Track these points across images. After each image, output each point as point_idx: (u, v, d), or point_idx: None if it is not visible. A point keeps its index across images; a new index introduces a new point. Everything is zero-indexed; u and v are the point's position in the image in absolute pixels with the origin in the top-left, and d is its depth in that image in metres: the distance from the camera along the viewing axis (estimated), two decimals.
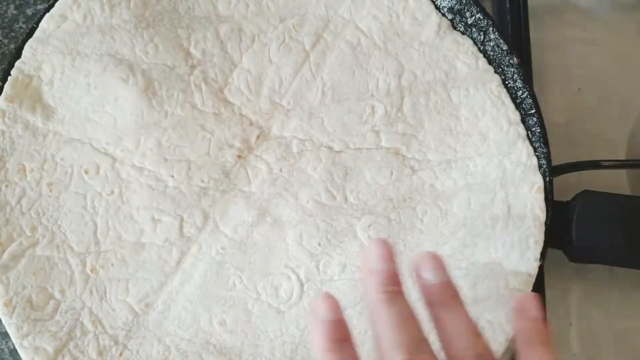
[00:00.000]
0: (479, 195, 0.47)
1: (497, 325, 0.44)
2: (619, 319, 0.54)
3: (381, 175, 0.47)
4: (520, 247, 0.45)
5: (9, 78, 0.45)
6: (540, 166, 0.47)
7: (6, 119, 0.45)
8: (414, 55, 0.48)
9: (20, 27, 0.57)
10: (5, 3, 0.57)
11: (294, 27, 0.48)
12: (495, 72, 0.49)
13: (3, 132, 0.45)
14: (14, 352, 0.52)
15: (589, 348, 0.53)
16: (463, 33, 0.50)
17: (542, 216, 0.45)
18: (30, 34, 0.46)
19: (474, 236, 0.46)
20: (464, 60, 0.48)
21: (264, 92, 0.47)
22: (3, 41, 0.57)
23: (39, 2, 0.57)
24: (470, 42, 0.48)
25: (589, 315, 0.54)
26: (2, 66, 0.55)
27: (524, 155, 0.46)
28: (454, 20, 0.49)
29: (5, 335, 0.51)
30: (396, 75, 0.48)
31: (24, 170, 0.45)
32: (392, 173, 0.47)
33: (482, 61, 0.48)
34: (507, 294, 0.45)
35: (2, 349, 0.52)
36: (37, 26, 0.46)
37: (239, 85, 0.47)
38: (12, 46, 0.56)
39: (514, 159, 0.47)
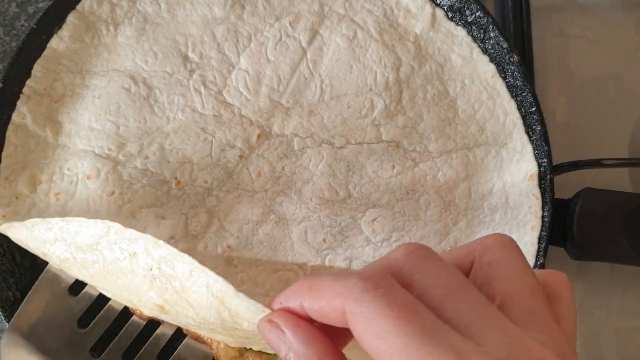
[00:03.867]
0: (479, 186, 0.51)
1: None
2: (620, 317, 0.57)
3: (383, 168, 0.50)
4: (518, 233, 0.49)
5: (21, 96, 0.49)
6: (540, 165, 0.50)
7: (19, 134, 0.49)
8: (410, 47, 0.52)
9: (22, 25, 0.59)
10: (6, 1, 0.59)
11: (290, 25, 0.52)
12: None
13: (16, 146, 0.49)
14: None
15: (591, 347, 0.57)
16: None
17: (538, 203, 0.49)
18: (30, 33, 0.49)
19: (474, 226, 0.50)
20: (458, 52, 0.52)
21: (263, 91, 0.50)
22: (4, 39, 0.59)
23: (40, 0, 0.59)
24: (464, 32, 0.52)
25: (591, 313, 0.57)
26: (4, 64, 0.58)
27: (519, 144, 0.50)
28: (454, 19, 0.53)
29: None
30: (394, 68, 0.51)
31: (34, 184, 0.49)
32: (394, 166, 0.50)
33: (477, 51, 0.52)
34: None
35: None
36: (37, 26, 0.49)
37: (237, 86, 0.50)
38: (14, 44, 0.59)
39: (510, 148, 0.51)
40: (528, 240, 0.50)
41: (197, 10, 0.52)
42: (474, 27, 0.52)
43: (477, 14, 0.52)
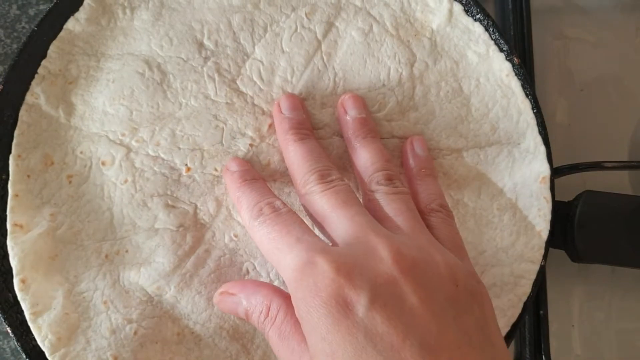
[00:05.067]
0: (489, 185, 0.51)
1: (499, 311, 0.49)
2: (621, 319, 0.58)
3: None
4: (526, 235, 0.49)
5: (36, 76, 0.50)
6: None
7: (32, 113, 0.49)
8: (426, 43, 0.52)
9: (23, 27, 0.60)
10: (7, 3, 0.60)
11: (306, 16, 0.52)
12: None
13: (29, 125, 0.49)
14: (15, 352, 0.56)
15: (591, 349, 0.57)
16: None
17: (548, 206, 0.49)
18: (31, 36, 0.50)
19: (482, 226, 0.50)
20: (474, 49, 0.52)
21: (276, 82, 0.51)
22: (5, 41, 0.60)
23: (41, 2, 0.60)
24: (482, 29, 0.52)
25: (591, 316, 0.58)
26: (4, 66, 0.59)
27: (532, 145, 0.50)
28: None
29: (7, 335, 0.55)
30: (408, 64, 0.51)
31: (46, 163, 0.49)
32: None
33: (493, 49, 0.52)
34: (512, 281, 0.49)
35: (4, 349, 0.56)
36: (38, 29, 0.50)
37: (251, 75, 0.51)
38: (15, 46, 0.60)
39: (523, 148, 0.51)
40: (535, 244, 0.50)
41: None
42: None
43: (478, 16, 0.52)
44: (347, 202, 0.43)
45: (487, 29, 0.52)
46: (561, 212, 0.51)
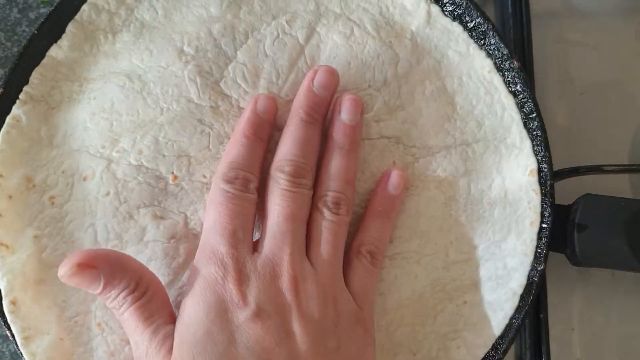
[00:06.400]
0: (478, 181, 0.51)
1: (497, 304, 0.49)
2: (622, 323, 0.58)
3: (384, 164, 0.50)
4: (517, 229, 0.50)
5: (17, 101, 0.49)
6: (541, 170, 0.50)
7: (13, 135, 0.48)
8: (408, 44, 0.52)
9: (24, 31, 0.60)
10: (8, 6, 0.60)
11: (286, 23, 0.51)
12: None
13: (10, 146, 0.48)
14: (15, 355, 0.55)
15: (592, 353, 0.57)
16: None
17: (537, 198, 0.49)
18: (32, 39, 0.49)
19: (474, 221, 0.50)
20: (455, 48, 0.52)
21: (262, 84, 0.50)
22: (6, 44, 0.60)
23: (42, 6, 0.60)
24: (461, 28, 0.52)
25: (592, 320, 0.58)
26: (5, 69, 0.58)
27: (518, 139, 0.51)
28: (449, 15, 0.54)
29: (6, 338, 0.54)
30: (392, 64, 0.51)
31: (27, 186, 0.48)
32: (394, 162, 0.50)
33: (473, 47, 0.52)
34: (506, 274, 0.49)
35: (3, 352, 0.55)
36: (38, 32, 0.49)
37: (235, 78, 0.50)
38: (15, 49, 0.60)
39: (509, 143, 0.51)
40: (527, 237, 0.50)
41: (193, 11, 0.51)
42: (474, 34, 0.52)
43: (478, 20, 0.52)
44: (295, 216, 0.43)
45: (486, 33, 0.52)
46: (561, 216, 0.51)
